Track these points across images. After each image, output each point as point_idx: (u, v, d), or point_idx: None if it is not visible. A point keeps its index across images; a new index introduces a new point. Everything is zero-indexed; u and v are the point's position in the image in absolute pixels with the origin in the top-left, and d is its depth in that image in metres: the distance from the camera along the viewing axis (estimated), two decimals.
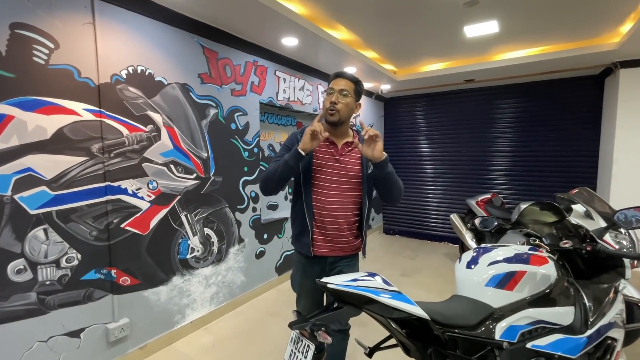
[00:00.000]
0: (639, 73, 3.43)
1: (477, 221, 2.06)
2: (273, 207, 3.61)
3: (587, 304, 1.35)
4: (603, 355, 1.34)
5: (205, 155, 2.58)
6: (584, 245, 1.55)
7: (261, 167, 3.17)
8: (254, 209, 3.09)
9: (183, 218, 2.43)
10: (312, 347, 0.97)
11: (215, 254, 2.71)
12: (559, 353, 1.22)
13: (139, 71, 2.10)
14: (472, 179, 4.99)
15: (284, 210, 3.72)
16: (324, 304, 1.63)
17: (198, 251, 2.56)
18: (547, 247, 1.62)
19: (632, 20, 2.79)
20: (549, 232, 1.76)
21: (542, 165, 4.48)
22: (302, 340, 1.02)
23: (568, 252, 1.59)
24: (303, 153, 1.35)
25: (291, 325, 1.01)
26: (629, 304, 1.67)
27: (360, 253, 1.61)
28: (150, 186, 2.19)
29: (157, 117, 2.22)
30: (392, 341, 1.29)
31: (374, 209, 5.58)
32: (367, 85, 4.78)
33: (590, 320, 1.32)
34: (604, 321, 1.34)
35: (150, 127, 2.18)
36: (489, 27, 2.85)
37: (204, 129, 2.55)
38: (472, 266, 1.39)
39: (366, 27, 2.95)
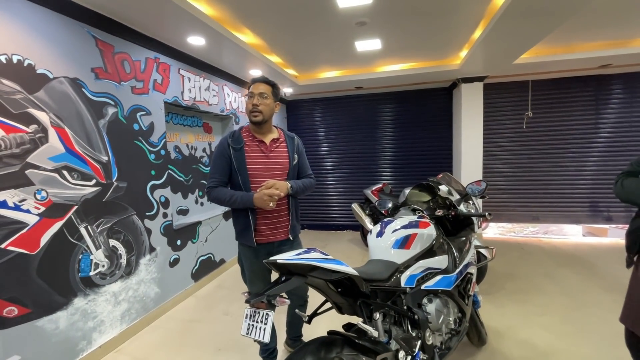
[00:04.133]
0: (474, 87, 4.66)
1: (376, 203, 2.52)
2: (184, 212, 3.43)
3: (455, 252, 1.89)
4: (465, 286, 1.90)
5: (106, 158, 2.32)
6: (450, 211, 2.12)
7: (169, 170, 2.99)
8: (165, 215, 2.90)
9: (82, 230, 2.14)
10: (272, 313, 1.12)
11: (123, 267, 2.46)
12: (441, 288, 1.69)
13: (14, 61, 1.77)
14: (365, 172, 5.75)
15: (196, 215, 3.58)
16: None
17: (103, 266, 2.29)
18: (428, 216, 2.15)
19: (466, 48, 3.80)
20: (427, 206, 2.32)
21: (415, 158, 5.53)
22: (258, 312, 1.14)
23: (440, 217, 2.14)
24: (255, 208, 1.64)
25: (249, 301, 1.13)
26: (477, 251, 2.37)
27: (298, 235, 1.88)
28: (39, 196, 1.87)
29: (43, 116, 1.91)
30: (326, 307, 1.53)
31: None
32: None
33: (457, 263, 1.85)
34: (464, 262, 1.90)
35: (33, 127, 1.86)
36: (374, 44, 3.43)
37: (102, 130, 2.29)
38: (381, 235, 1.76)
39: (271, 33, 3.14)
